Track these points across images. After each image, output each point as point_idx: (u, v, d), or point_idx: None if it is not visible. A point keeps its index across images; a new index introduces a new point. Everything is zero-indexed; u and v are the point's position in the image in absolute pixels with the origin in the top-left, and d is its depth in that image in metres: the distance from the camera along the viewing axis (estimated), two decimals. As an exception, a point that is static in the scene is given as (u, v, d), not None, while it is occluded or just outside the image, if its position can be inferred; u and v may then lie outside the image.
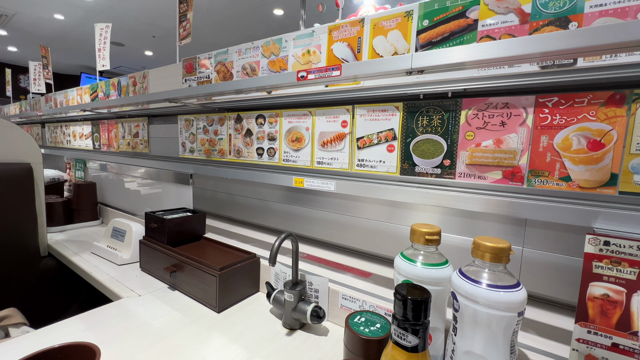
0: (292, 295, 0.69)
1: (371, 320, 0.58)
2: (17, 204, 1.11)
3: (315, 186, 0.73)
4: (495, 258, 0.44)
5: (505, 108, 0.72)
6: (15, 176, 1.10)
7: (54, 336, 0.66)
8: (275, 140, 1.14)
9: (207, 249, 0.95)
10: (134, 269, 1.01)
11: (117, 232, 1.12)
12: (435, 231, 0.52)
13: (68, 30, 5.31)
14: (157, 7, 4.32)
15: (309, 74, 0.73)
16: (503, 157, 0.72)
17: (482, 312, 0.43)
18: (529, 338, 0.57)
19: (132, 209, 1.45)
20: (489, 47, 0.51)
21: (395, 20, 0.79)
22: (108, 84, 1.82)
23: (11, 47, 6.35)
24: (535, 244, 0.70)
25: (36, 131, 3.13)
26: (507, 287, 0.43)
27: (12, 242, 1.10)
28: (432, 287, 0.50)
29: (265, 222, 1.25)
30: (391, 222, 0.92)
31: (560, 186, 0.66)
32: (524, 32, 0.65)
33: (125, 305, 0.79)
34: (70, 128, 2.58)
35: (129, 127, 1.92)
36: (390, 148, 0.88)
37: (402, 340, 0.40)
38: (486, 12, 0.68)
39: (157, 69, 1.50)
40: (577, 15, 0.60)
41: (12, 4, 4.35)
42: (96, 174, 1.70)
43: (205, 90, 0.99)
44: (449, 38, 0.73)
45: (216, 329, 0.70)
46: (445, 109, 0.79)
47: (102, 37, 1.99)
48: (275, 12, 4.32)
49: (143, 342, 0.64)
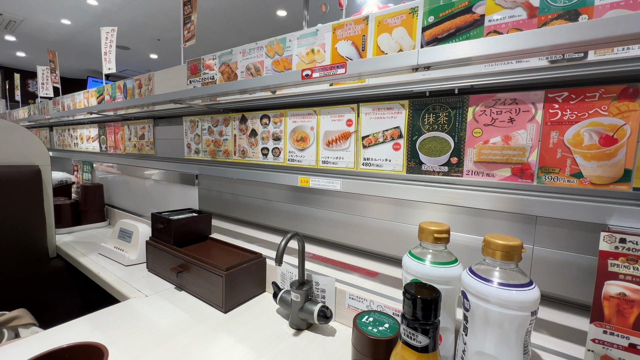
0: (299, 295, 0.68)
1: (379, 320, 0.58)
2: (26, 206, 1.12)
3: (321, 185, 0.73)
4: (507, 256, 0.43)
5: (514, 104, 0.71)
6: (24, 178, 1.11)
7: (63, 336, 0.67)
8: (280, 140, 1.14)
9: (213, 249, 0.95)
10: (140, 270, 1.02)
11: (124, 233, 1.13)
12: (444, 229, 0.51)
13: (75, 35, 5.38)
14: (161, 11, 4.36)
15: (314, 72, 0.73)
16: (512, 154, 0.71)
17: (493, 311, 0.42)
18: (541, 338, 0.56)
19: (139, 210, 1.46)
20: (498, 41, 0.50)
21: (400, 17, 0.78)
22: (114, 87, 1.84)
23: (20, 53, 6.46)
24: (546, 242, 0.68)
25: (44, 134, 3.18)
26: (520, 286, 0.42)
27: (21, 243, 1.11)
28: (442, 286, 0.49)
29: (270, 222, 1.25)
30: (397, 221, 0.91)
31: (571, 183, 0.64)
32: (532, 27, 0.64)
33: (132, 305, 0.79)
34: (77, 131, 2.62)
35: (135, 129, 1.93)
36: (396, 146, 0.87)
37: (411, 340, 0.40)
38: (493, 6, 0.67)
39: (162, 71, 1.51)
40: (588, 8, 0.59)
41: (20, 10, 4.43)
42: (103, 175, 1.71)
43: (210, 91, 0.99)
44: (455, 34, 0.72)
45: (223, 330, 0.69)
46: (452, 106, 0.78)
47: (108, 41, 2.01)
48: (279, 13, 4.33)
49: (150, 342, 0.64)
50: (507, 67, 0.69)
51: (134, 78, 1.68)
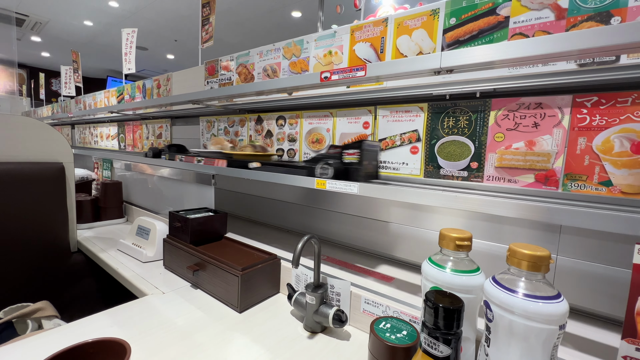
0: (314, 297, 0.68)
1: (397, 326, 0.57)
2: (50, 202, 1.16)
3: (338, 188, 0.72)
4: (534, 267, 0.42)
5: (539, 108, 0.68)
6: (50, 175, 1.16)
7: (84, 330, 0.69)
8: (296, 141, 1.14)
9: (228, 249, 0.96)
10: (157, 267, 1.04)
11: (142, 230, 1.16)
12: (466, 236, 0.50)
13: (96, 36, 5.56)
14: (179, 13, 4.46)
15: (333, 74, 0.73)
16: (536, 159, 0.69)
17: (518, 323, 0.41)
18: (567, 353, 0.54)
19: (155, 207, 1.49)
20: (526, 44, 0.48)
21: (420, 19, 0.77)
22: (134, 87, 1.89)
23: (44, 53, 6.72)
24: (572, 252, 0.66)
25: (66, 132, 3.29)
26: (547, 298, 0.40)
27: (45, 237, 1.16)
28: (463, 294, 0.48)
29: (284, 223, 1.25)
30: (413, 225, 0.89)
31: (599, 191, 0.62)
32: (560, 29, 0.62)
33: (150, 302, 0.81)
34: (97, 129, 2.70)
35: (152, 129, 1.98)
36: (414, 150, 0.86)
37: (432, 349, 0.39)
38: (519, 8, 0.65)
39: (180, 72, 1.54)
40: (621, 9, 0.57)
41: (46, 12, 4.61)
42: (122, 173, 1.76)
43: (227, 92, 1.00)
44: (477, 36, 0.70)
45: (238, 329, 0.70)
46: (473, 110, 0.77)
47: (129, 42, 2.07)
48: (294, 15, 4.35)
49: (167, 339, 0.66)
50: (532, 70, 0.67)
51: (152, 78, 1.72)
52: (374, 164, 0.88)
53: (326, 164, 0.79)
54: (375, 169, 0.89)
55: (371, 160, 0.85)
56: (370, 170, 0.85)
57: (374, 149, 0.86)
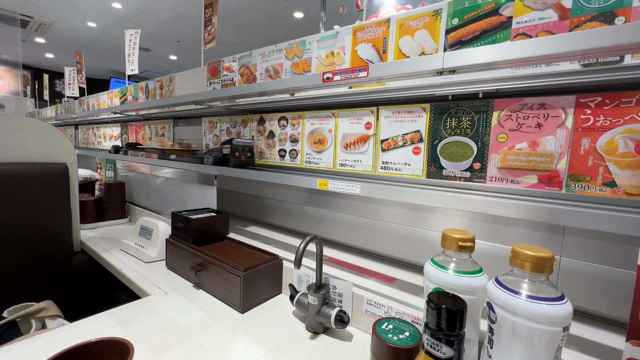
0: (316, 298, 0.68)
1: (399, 327, 0.57)
2: (54, 202, 1.17)
3: (340, 189, 0.72)
4: (537, 268, 0.42)
5: (542, 109, 0.68)
6: (54, 175, 1.16)
7: (87, 330, 0.69)
8: (298, 142, 1.15)
9: (230, 249, 0.96)
10: (160, 267, 1.04)
11: (145, 231, 1.16)
12: (469, 237, 0.50)
13: (99, 37, 5.60)
14: (181, 14, 4.48)
15: (335, 75, 0.73)
16: (539, 160, 0.68)
17: (522, 325, 0.41)
18: (571, 355, 0.53)
19: (158, 208, 1.50)
20: (530, 44, 0.48)
21: (422, 20, 0.77)
22: (136, 88, 1.90)
23: (48, 54, 6.77)
24: (575, 254, 0.66)
25: (70, 132, 3.31)
26: (550, 300, 0.40)
27: (49, 237, 1.16)
28: (466, 296, 0.47)
29: (286, 223, 1.26)
30: (415, 226, 0.89)
31: (603, 192, 0.62)
32: (563, 29, 0.62)
33: (152, 302, 0.81)
34: (101, 130, 2.72)
35: (155, 129, 1.99)
36: (416, 150, 0.86)
37: (435, 350, 0.39)
38: (522, 8, 0.65)
39: (183, 73, 1.54)
40: (625, 9, 0.56)
41: (50, 13, 4.65)
42: (125, 174, 1.77)
43: (230, 93, 1.00)
44: (480, 37, 0.70)
45: (240, 330, 0.70)
46: (475, 110, 0.77)
47: (132, 43, 2.08)
48: (296, 15, 4.36)
49: (170, 339, 0.66)
50: (535, 70, 0.67)
51: (155, 79, 1.73)
52: (249, 156, 1.21)
53: (209, 154, 1.12)
54: (250, 159, 1.22)
55: (244, 153, 1.19)
56: (243, 160, 1.18)
57: (244, 144, 1.19)
